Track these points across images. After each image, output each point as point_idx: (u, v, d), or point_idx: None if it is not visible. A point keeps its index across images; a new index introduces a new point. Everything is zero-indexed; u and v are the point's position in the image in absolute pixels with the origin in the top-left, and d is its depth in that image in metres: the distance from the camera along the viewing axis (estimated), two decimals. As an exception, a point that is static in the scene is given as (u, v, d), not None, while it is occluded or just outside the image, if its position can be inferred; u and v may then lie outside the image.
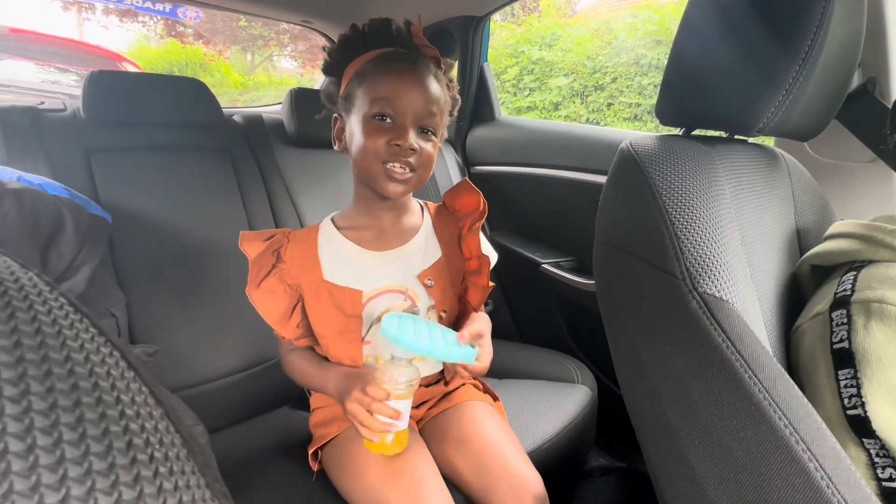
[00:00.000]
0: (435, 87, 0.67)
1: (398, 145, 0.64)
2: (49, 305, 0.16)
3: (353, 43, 0.70)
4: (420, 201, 0.81)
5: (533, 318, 1.39)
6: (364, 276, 0.72)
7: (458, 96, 0.74)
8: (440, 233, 0.78)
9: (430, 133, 0.68)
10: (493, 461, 0.69)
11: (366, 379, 0.63)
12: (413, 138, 0.65)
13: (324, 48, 0.74)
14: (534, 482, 0.68)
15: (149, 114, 1.07)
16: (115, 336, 0.17)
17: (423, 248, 0.76)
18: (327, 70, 0.74)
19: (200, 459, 0.17)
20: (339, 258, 0.72)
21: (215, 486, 0.17)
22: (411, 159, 0.65)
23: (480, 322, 0.73)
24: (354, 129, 0.67)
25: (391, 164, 0.65)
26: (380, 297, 0.72)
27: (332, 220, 0.76)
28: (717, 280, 0.45)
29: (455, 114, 0.75)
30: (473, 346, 0.65)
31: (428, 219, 0.79)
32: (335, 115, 0.73)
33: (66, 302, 0.17)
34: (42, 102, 1.06)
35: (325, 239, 0.74)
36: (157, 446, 0.16)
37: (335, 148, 0.73)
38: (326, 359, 0.75)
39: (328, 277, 0.71)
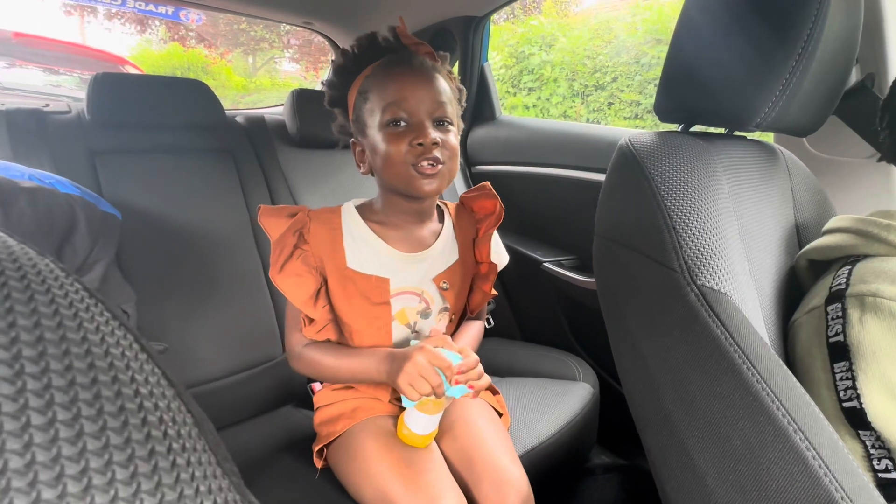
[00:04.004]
0: (438, 77, 0.68)
1: (420, 144, 0.64)
2: (66, 290, 0.16)
3: (347, 68, 0.71)
4: (440, 203, 0.81)
5: (535, 317, 1.40)
6: (386, 270, 0.72)
7: (461, 86, 0.75)
8: (458, 235, 0.79)
9: (446, 124, 0.67)
10: (479, 457, 0.69)
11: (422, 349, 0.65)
12: (432, 132, 0.65)
13: (322, 83, 0.75)
14: (518, 480, 0.68)
15: (152, 115, 1.08)
16: (127, 322, 0.18)
17: (443, 251, 0.77)
18: (332, 103, 0.75)
19: (211, 438, 0.18)
20: (364, 247, 0.72)
21: (225, 464, 0.18)
22: (437, 153, 0.65)
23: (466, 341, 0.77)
24: (374, 144, 0.67)
25: (420, 164, 0.65)
26: (396, 297, 0.73)
27: (356, 208, 0.75)
28: (715, 273, 0.45)
29: (464, 103, 0.75)
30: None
31: (449, 221, 0.79)
32: (352, 140, 0.74)
33: (81, 287, 0.17)
34: (47, 105, 1.07)
35: (350, 225, 0.73)
36: (170, 423, 0.16)
37: (360, 171, 0.73)
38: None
39: (352, 265, 0.71)
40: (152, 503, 0.14)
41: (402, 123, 0.65)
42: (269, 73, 9.48)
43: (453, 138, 0.68)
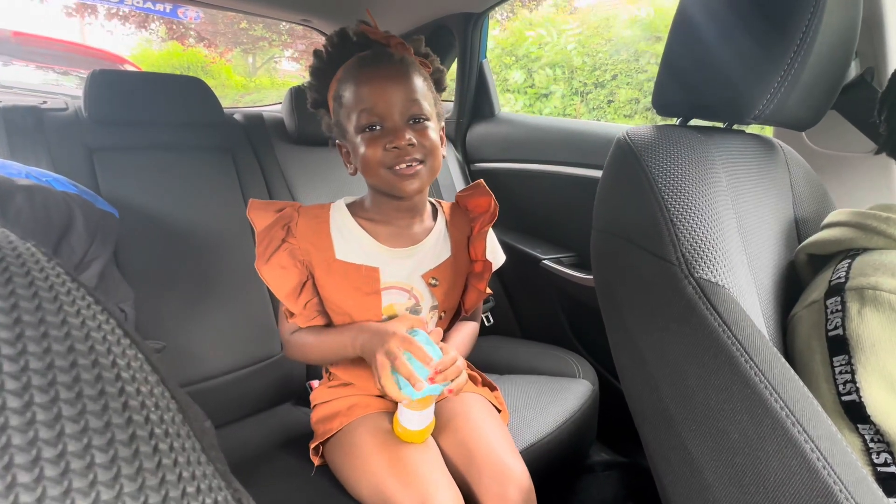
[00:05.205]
0: (408, 73, 0.67)
1: (396, 147, 0.64)
2: (46, 273, 0.16)
3: (322, 70, 0.71)
4: (434, 200, 0.81)
5: (534, 314, 1.39)
6: (374, 263, 0.72)
7: (440, 67, 0.74)
8: (452, 233, 0.79)
9: (422, 120, 0.67)
10: (478, 451, 0.69)
11: (398, 331, 0.64)
12: (407, 135, 0.64)
13: (302, 85, 0.75)
14: (519, 474, 0.68)
15: (150, 113, 1.07)
16: (112, 307, 0.18)
17: (434, 248, 0.76)
18: (315, 105, 0.75)
19: (196, 426, 0.18)
20: (352, 241, 0.73)
21: (211, 451, 0.18)
22: (414, 154, 0.65)
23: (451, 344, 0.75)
24: (354, 147, 0.68)
25: (397, 167, 0.65)
26: (385, 291, 0.73)
27: (347, 205, 0.76)
28: (713, 266, 0.45)
29: (445, 86, 0.75)
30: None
31: (442, 219, 0.79)
32: (337, 142, 0.74)
33: (62, 271, 0.17)
34: (44, 102, 1.07)
35: (338, 220, 0.74)
36: (153, 409, 0.16)
37: (349, 172, 0.74)
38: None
39: (340, 256, 0.71)
40: (132, 488, 0.14)
41: (377, 127, 0.65)
42: (268, 73, 9.47)
43: (432, 133, 0.67)
